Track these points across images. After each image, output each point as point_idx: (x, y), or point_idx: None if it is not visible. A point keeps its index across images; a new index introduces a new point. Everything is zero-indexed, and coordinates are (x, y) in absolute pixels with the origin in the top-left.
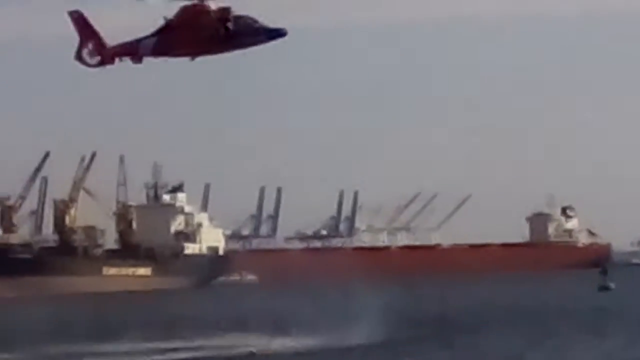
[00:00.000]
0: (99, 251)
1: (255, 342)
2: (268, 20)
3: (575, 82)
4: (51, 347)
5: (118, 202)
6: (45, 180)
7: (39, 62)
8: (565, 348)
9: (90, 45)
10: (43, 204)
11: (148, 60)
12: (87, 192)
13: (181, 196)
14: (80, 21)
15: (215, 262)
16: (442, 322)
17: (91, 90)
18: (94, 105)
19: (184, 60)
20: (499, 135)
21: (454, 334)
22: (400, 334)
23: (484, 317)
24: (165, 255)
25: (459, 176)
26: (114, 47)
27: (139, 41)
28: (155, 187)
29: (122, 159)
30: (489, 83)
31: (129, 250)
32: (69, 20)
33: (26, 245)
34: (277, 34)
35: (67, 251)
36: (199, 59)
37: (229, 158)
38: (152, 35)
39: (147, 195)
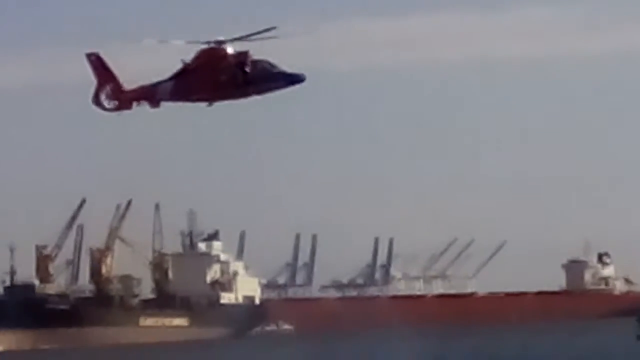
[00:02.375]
0: (135, 301)
1: None
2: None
3: (611, 126)
4: None
5: (154, 250)
6: (81, 229)
7: (72, 109)
8: None
9: (107, 89)
10: (79, 253)
11: (183, 106)
12: (123, 240)
13: (217, 245)
14: (98, 64)
15: (251, 312)
16: None
17: (125, 137)
18: (129, 152)
19: (220, 105)
20: (534, 181)
21: None
22: None
23: None
24: (201, 305)
25: (494, 223)
26: (131, 91)
27: (156, 85)
28: (190, 235)
29: (157, 207)
30: (522, 128)
31: (165, 300)
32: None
33: (63, 296)
34: (296, 79)
35: (103, 301)
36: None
37: (263, 205)
38: (170, 79)
39: (183, 244)
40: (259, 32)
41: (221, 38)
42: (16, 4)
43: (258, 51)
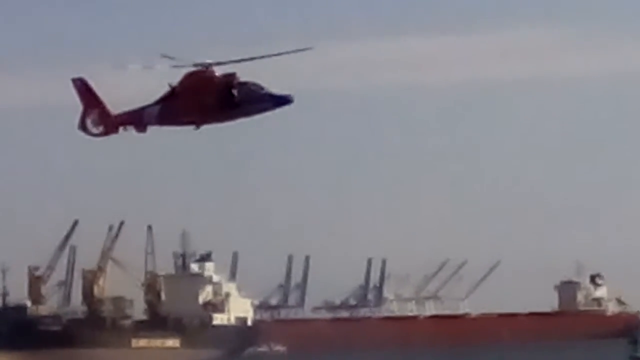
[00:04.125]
0: (127, 322)
1: None
2: (280, 84)
3: (604, 146)
4: None
5: (146, 272)
6: (73, 250)
7: (63, 130)
8: None
9: (94, 114)
10: (72, 274)
11: (175, 128)
12: (115, 261)
13: (209, 265)
14: (84, 89)
15: (244, 333)
16: None
17: (117, 159)
18: (121, 174)
19: (213, 127)
20: (527, 202)
21: None
22: None
23: None
24: (193, 326)
25: (487, 243)
26: (118, 116)
27: (142, 109)
28: (183, 256)
29: (150, 228)
30: (516, 148)
31: (157, 321)
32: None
33: (55, 317)
34: (283, 100)
35: (95, 323)
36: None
37: (256, 226)
38: (156, 103)
39: (176, 265)
40: (258, 57)
41: (208, 60)
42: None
43: (255, 72)
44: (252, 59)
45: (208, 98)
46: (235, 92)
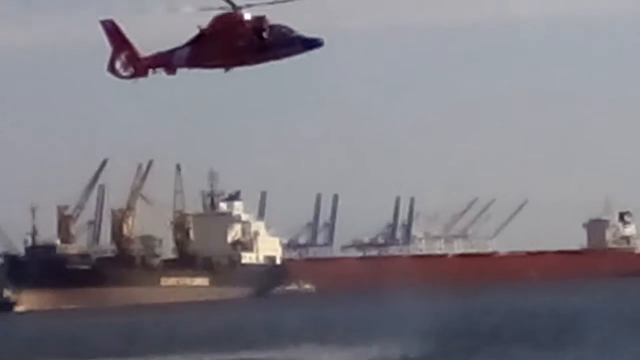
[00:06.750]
0: (156, 261)
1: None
2: (309, 28)
3: (632, 82)
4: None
5: (175, 211)
6: (102, 189)
7: (94, 70)
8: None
9: (123, 57)
10: (101, 213)
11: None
12: (145, 199)
13: (238, 204)
14: (113, 31)
15: (272, 272)
16: (495, 333)
17: (147, 99)
18: (150, 113)
19: (241, 68)
20: (556, 140)
21: (510, 346)
22: (452, 345)
23: (541, 327)
24: (222, 265)
25: (515, 182)
26: (147, 58)
27: (172, 52)
28: (212, 195)
29: (178, 167)
30: (543, 87)
31: (186, 260)
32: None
33: (84, 256)
34: (313, 43)
35: (124, 261)
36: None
37: (285, 165)
38: (186, 45)
39: (204, 204)
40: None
41: (237, 4)
42: None
43: (274, 14)
44: (281, 1)
45: (238, 41)
46: (265, 34)
